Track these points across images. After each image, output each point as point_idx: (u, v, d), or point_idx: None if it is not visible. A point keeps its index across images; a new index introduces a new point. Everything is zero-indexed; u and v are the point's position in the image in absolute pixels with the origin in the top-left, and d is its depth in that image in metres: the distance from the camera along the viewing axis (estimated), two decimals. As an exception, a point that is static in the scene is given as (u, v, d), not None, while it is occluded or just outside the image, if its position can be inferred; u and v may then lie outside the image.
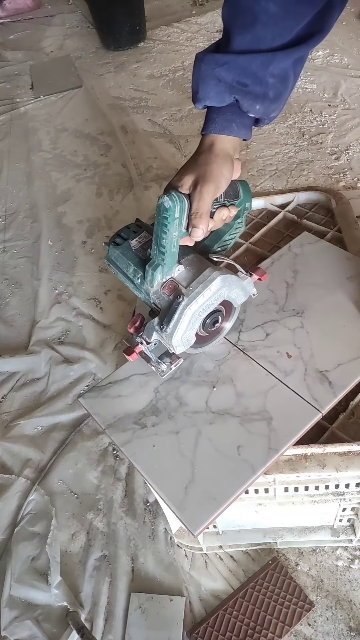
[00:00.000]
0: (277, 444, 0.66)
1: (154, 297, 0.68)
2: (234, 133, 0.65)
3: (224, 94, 0.62)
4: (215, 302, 0.68)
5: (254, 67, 0.59)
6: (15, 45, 2.99)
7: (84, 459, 1.10)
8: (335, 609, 0.85)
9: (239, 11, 0.58)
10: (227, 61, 0.60)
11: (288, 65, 0.62)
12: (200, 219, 0.62)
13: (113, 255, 0.72)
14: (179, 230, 0.63)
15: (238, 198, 0.70)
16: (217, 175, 0.63)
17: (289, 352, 0.76)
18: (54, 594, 0.92)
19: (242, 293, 0.72)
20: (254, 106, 0.63)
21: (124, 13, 2.58)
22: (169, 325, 0.65)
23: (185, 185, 0.63)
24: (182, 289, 0.65)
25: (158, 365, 0.71)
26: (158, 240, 0.63)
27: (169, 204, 0.60)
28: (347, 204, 1.03)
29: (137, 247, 0.70)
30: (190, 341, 0.69)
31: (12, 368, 1.31)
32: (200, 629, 0.83)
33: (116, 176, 1.89)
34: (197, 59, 0.63)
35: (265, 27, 0.57)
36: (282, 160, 1.79)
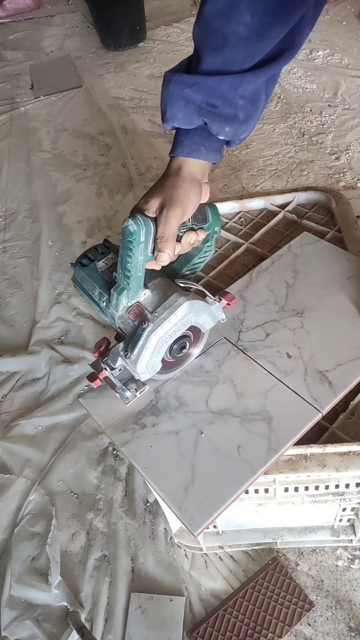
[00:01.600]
0: (277, 444, 0.66)
1: (119, 322, 0.66)
2: (202, 157, 0.64)
3: (192, 115, 0.61)
4: (182, 327, 0.66)
5: (222, 89, 0.58)
6: (15, 45, 3.00)
7: (84, 459, 1.10)
8: (335, 609, 0.85)
9: (210, 32, 0.57)
10: (195, 82, 0.59)
11: (259, 86, 0.61)
12: (166, 243, 0.61)
13: (79, 276, 0.70)
14: (145, 254, 0.61)
15: (206, 222, 0.69)
16: (184, 199, 0.61)
17: (289, 352, 0.76)
18: (54, 594, 0.92)
19: (210, 318, 0.70)
20: (223, 128, 0.61)
21: (124, 13, 2.58)
22: (133, 352, 0.63)
23: (152, 208, 0.61)
24: (147, 314, 0.64)
25: (123, 392, 0.69)
26: (123, 264, 0.61)
27: (133, 227, 0.58)
28: (347, 204, 1.03)
29: (104, 269, 0.68)
30: (156, 368, 0.67)
31: (12, 368, 1.31)
32: (200, 629, 0.83)
33: (116, 176, 1.89)
34: (165, 79, 0.61)
35: (235, 50, 0.56)
36: (282, 160, 1.79)
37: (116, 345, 0.66)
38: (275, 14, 0.54)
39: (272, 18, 0.54)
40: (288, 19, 0.56)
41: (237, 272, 0.97)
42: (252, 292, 0.86)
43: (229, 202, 1.10)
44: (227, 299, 0.73)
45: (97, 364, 0.68)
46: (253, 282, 0.89)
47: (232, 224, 1.09)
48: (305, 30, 0.60)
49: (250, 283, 0.88)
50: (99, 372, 0.67)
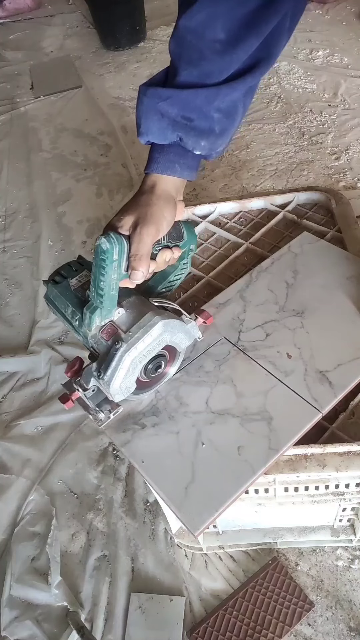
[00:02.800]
0: (278, 444, 0.65)
1: (92, 342, 0.64)
2: (177, 174, 0.62)
3: (166, 130, 0.60)
4: (157, 347, 0.64)
5: (198, 102, 0.57)
6: (15, 45, 3.00)
7: (84, 459, 1.10)
8: (335, 609, 0.85)
9: (185, 47, 0.56)
10: (170, 95, 0.58)
11: (236, 98, 0.60)
12: (140, 261, 0.59)
13: (52, 294, 0.68)
14: (118, 273, 0.60)
15: (182, 239, 0.67)
16: (158, 217, 0.60)
17: (289, 353, 0.76)
18: (54, 594, 0.92)
19: (186, 337, 0.68)
20: (199, 143, 0.60)
21: (124, 13, 2.58)
22: (106, 373, 0.61)
23: (125, 226, 0.60)
24: (121, 333, 0.62)
25: (96, 414, 0.67)
26: (96, 282, 0.59)
27: (106, 245, 0.57)
28: (347, 204, 1.03)
29: (77, 286, 0.66)
30: (130, 388, 0.65)
31: (12, 368, 1.31)
32: (200, 629, 0.83)
33: (116, 176, 1.89)
34: (140, 92, 0.60)
35: (211, 63, 0.56)
36: (282, 160, 1.79)
37: (89, 365, 0.64)
38: (250, 25, 0.54)
39: (247, 29, 0.54)
40: (262, 29, 0.55)
41: (237, 272, 0.97)
42: (252, 292, 0.86)
43: (229, 202, 1.10)
44: (203, 317, 0.72)
45: (70, 385, 0.66)
46: (253, 282, 0.89)
47: (232, 224, 1.09)
48: (281, 41, 0.59)
49: (250, 283, 0.88)
50: (72, 392, 0.66)
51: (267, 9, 0.53)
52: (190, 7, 0.54)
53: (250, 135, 1.93)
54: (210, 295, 0.91)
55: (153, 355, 0.65)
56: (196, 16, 0.54)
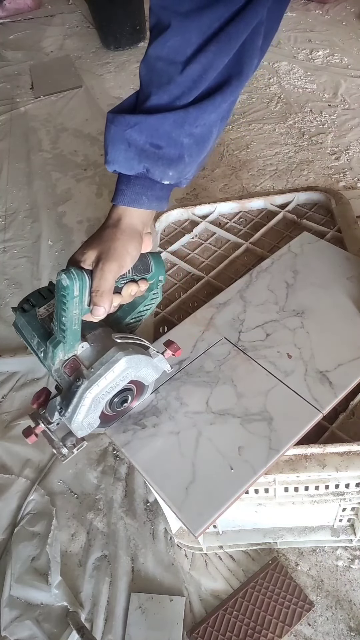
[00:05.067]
0: (278, 444, 0.66)
1: (56, 375, 0.63)
2: (144, 206, 0.61)
3: (132, 160, 0.58)
4: (121, 382, 0.63)
5: (166, 127, 0.55)
6: (15, 45, 3.00)
7: (84, 459, 1.11)
8: (335, 609, 0.85)
9: (155, 73, 0.55)
10: (138, 122, 0.56)
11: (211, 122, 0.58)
12: (101, 297, 0.58)
13: (19, 322, 0.66)
14: (80, 308, 0.58)
15: (149, 272, 0.65)
16: (121, 252, 0.59)
17: (289, 353, 0.76)
18: (54, 594, 0.92)
19: (153, 371, 0.67)
20: (167, 173, 0.58)
21: (124, 13, 2.58)
22: (67, 409, 0.60)
23: (88, 260, 0.58)
24: (83, 369, 0.60)
25: (60, 448, 0.65)
26: (58, 317, 0.58)
27: (66, 282, 0.55)
28: (347, 204, 1.03)
29: (44, 316, 0.64)
30: (93, 424, 0.64)
31: (12, 368, 1.31)
32: (200, 629, 0.83)
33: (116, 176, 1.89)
34: (107, 119, 0.58)
35: (180, 86, 0.54)
36: (282, 160, 1.79)
37: (54, 399, 0.63)
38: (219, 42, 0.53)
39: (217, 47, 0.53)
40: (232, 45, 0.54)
41: (237, 272, 0.98)
42: (252, 292, 0.87)
43: (229, 202, 1.10)
44: (172, 350, 0.70)
45: (36, 416, 0.65)
46: (253, 282, 0.89)
47: (232, 224, 1.09)
48: (254, 59, 0.57)
49: (250, 283, 0.88)
50: (36, 426, 0.64)
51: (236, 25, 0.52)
52: (161, 35, 0.53)
53: (250, 135, 1.93)
54: (210, 295, 0.91)
55: (118, 390, 0.64)
56: (167, 43, 0.53)
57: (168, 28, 0.52)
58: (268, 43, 0.59)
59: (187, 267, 1.00)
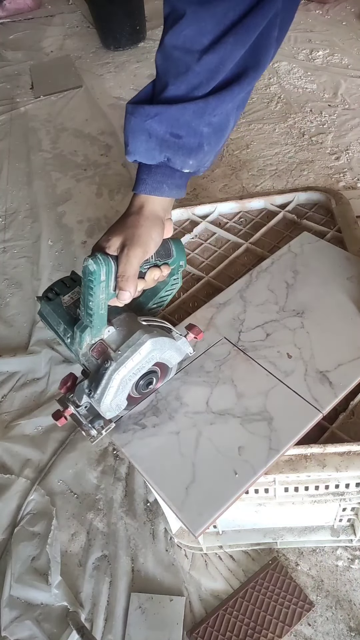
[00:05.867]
0: (278, 444, 0.65)
1: (83, 360, 0.65)
2: (165, 194, 0.63)
3: (154, 151, 0.60)
4: (147, 364, 0.65)
5: (187, 117, 0.57)
6: (15, 45, 2.99)
7: (84, 459, 1.11)
8: (335, 609, 0.85)
9: (172, 62, 0.56)
10: (158, 112, 0.57)
11: (228, 110, 0.59)
12: (127, 282, 0.60)
13: (44, 310, 0.68)
14: (107, 293, 0.60)
15: (170, 257, 0.68)
16: (145, 238, 0.61)
17: (289, 353, 0.76)
18: (54, 594, 0.92)
19: (177, 353, 0.69)
20: (187, 162, 0.60)
21: (124, 13, 2.58)
22: (96, 391, 0.62)
23: (113, 247, 0.61)
24: (110, 352, 0.62)
25: (89, 430, 0.67)
26: (85, 302, 0.60)
27: (93, 267, 0.58)
28: (347, 204, 1.03)
29: (69, 303, 0.67)
30: (121, 406, 0.66)
31: (12, 368, 1.31)
32: (200, 629, 0.83)
33: (116, 176, 1.89)
34: (127, 111, 0.60)
35: (198, 75, 0.55)
36: (282, 160, 1.79)
37: (81, 382, 0.65)
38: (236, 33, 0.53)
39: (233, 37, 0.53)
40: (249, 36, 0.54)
41: (237, 272, 0.97)
42: (252, 292, 0.86)
43: (229, 202, 1.10)
44: (194, 333, 0.72)
45: (64, 400, 0.67)
46: (253, 282, 0.89)
47: (232, 224, 1.09)
48: (270, 49, 0.58)
49: (250, 283, 0.88)
50: (65, 409, 0.66)
51: (253, 17, 0.53)
52: (176, 24, 0.54)
53: (250, 135, 1.93)
54: (210, 295, 0.91)
55: (144, 372, 0.66)
56: (183, 32, 0.54)
57: (183, 17, 0.53)
58: (284, 34, 0.59)
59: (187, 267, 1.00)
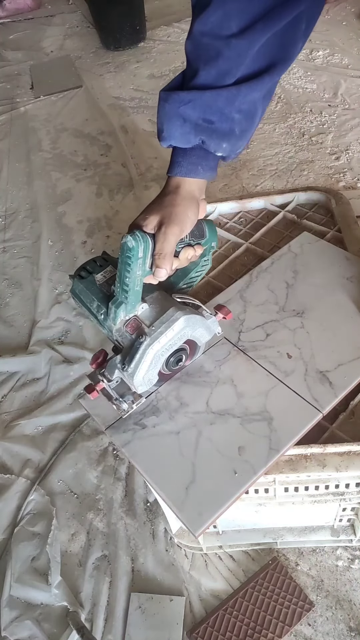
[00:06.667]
0: (278, 444, 0.66)
1: (117, 335, 0.67)
2: (199, 176, 0.65)
3: (189, 135, 0.62)
4: (178, 341, 0.67)
5: (219, 104, 0.59)
6: (15, 45, 2.99)
7: (84, 459, 1.10)
8: (335, 609, 0.85)
9: (202, 48, 0.58)
10: (192, 99, 0.59)
11: (256, 99, 0.61)
12: (164, 259, 0.62)
13: (77, 288, 0.70)
14: (143, 270, 0.62)
15: (204, 237, 0.70)
16: (182, 217, 0.63)
17: (289, 353, 0.76)
18: (54, 594, 0.92)
19: (207, 332, 0.71)
20: (221, 145, 0.62)
21: (124, 13, 2.58)
22: (130, 365, 0.64)
23: (150, 225, 0.62)
24: (144, 328, 0.65)
25: (120, 404, 0.69)
26: (121, 278, 0.62)
27: (132, 243, 0.59)
28: (347, 204, 1.03)
29: (102, 281, 0.69)
30: (152, 380, 0.68)
31: (12, 368, 1.31)
32: (200, 629, 0.83)
33: (116, 176, 1.89)
34: (161, 98, 0.62)
35: (229, 60, 0.57)
36: (282, 160, 1.79)
37: (113, 358, 0.66)
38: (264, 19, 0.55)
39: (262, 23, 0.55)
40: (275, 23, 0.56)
41: (237, 272, 0.97)
42: (252, 292, 0.87)
43: (229, 202, 1.10)
44: (222, 313, 0.74)
45: (95, 375, 0.68)
46: (253, 282, 0.89)
47: (232, 224, 1.09)
48: (298, 42, 0.60)
49: (250, 283, 0.88)
50: (96, 383, 0.68)
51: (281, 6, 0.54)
52: (204, 10, 0.55)
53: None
54: (210, 295, 0.91)
55: (175, 349, 0.68)
56: (210, 19, 0.55)
57: (209, 4, 0.55)
58: (311, 28, 0.61)
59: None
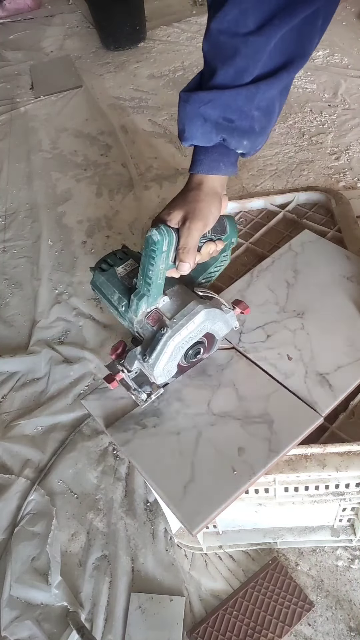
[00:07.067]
0: (278, 446, 0.66)
1: (138, 327, 0.68)
2: (221, 172, 0.66)
3: (210, 134, 0.63)
4: (198, 334, 0.68)
5: (239, 102, 0.60)
6: (15, 45, 2.99)
7: (84, 459, 1.11)
8: (335, 609, 0.85)
9: (219, 47, 0.58)
10: (212, 99, 0.60)
11: (274, 96, 0.62)
12: (188, 254, 0.63)
13: (98, 280, 0.72)
14: (166, 263, 0.64)
15: (225, 233, 0.71)
16: (205, 213, 0.64)
17: (289, 355, 0.76)
18: (54, 594, 0.92)
19: (225, 326, 0.72)
20: (242, 142, 0.64)
21: (124, 13, 2.57)
22: (151, 356, 0.65)
23: (174, 220, 0.64)
24: (166, 320, 0.66)
25: (138, 394, 0.70)
26: (145, 271, 0.63)
27: (157, 237, 0.61)
28: (347, 204, 1.03)
29: (123, 274, 0.71)
30: (171, 372, 0.69)
31: (12, 368, 1.31)
32: (200, 629, 0.83)
33: (116, 176, 1.89)
34: (181, 98, 0.63)
35: (246, 58, 0.58)
36: (282, 160, 1.79)
37: (134, 349, 0.68)
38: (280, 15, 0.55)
39: (278, 19, 0.55)
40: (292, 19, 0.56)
41: (237, 272, 0.97)
42: (252, 292, 0.87)
43: (229, 202, 1.09)
44: (240, 308, 0.75)
45: (113, 366, 0.69)
46: (253, 281, 0.89)
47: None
48: (314, 39, 0.61)
49: (250, 283, 0.88)
50: (116, 373, 0.69)
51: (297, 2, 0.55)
52: (221, 9, 0.56)
53: (250, 135, 1.93)
54: (210, 296, 0.91)
55: (194, 342, 0.69)
56: (227, 17, 0.56)
57: (226, 3, 0.55)
58: (327, 23, 0.61)
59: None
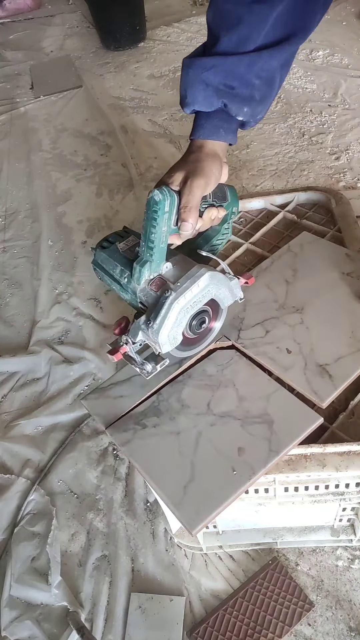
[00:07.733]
0: (278, 446, 0.65)
1: (141, 295, 0.67)
2: (221, 138, 0.67)
3: (211, 98, 0.64)
4: (202, 299, 0.67)
5: (241, 69, 0.61)
6: (15, 45, 2.99)
7: (84, 459, 1.10)
8: (335, 609, 0.85)
9: (223, 15, 0.60)
10: (214, 64, 0.61)
11: (275, 68, 0.63)
12: (190, 212, 0.63)
13: (100, 258, 0.72)
14: (168, 226, 0.63)
15: (226, 200, 0.71)
16: (207, 171, 0.64)
17: (288, 348, 0.76)
18: (54, 594, 0.92)
19: (230, 294, 0.71)
20: (242, 109, 0.65)
21: (124, 13, 2.58)
22: (155, 321, 0.64)
23: (176, 181, 0.64)
24: (170, 284, 0.65)
25: (143, 366, 0.69)
26: (147, 235, 0.63)
27: (159, 197, 0.61)
28: (347, 204, 1.03)
29: (125, 249, 0.71)
30: (177, 340, 0.67)
31: (12, 368, 1.31)
32: (200, 629, 0.83)
33: (116, 176, 1.89)
34: (184, 65, 0.64)
35: (250, 26, 0.59)
36: (282, 160, 1.79)
37: (138, 320, 0.67)
38: None
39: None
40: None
41: (237, 272, 0.97)
42: (252, 291, 0.86)
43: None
44: (245, 277, 0.74)
45: (116, 342, 0.69)
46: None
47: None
48: (317, 14, 0.62)
49: (250, 283, 0.88)
50: (119, 347, 0.68)
51: None
52: None
53: (250, 135, 1.93)
54: (210, 295, 0.91)
55: (199, 309, 0.68)
56: None
57: None
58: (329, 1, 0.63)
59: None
